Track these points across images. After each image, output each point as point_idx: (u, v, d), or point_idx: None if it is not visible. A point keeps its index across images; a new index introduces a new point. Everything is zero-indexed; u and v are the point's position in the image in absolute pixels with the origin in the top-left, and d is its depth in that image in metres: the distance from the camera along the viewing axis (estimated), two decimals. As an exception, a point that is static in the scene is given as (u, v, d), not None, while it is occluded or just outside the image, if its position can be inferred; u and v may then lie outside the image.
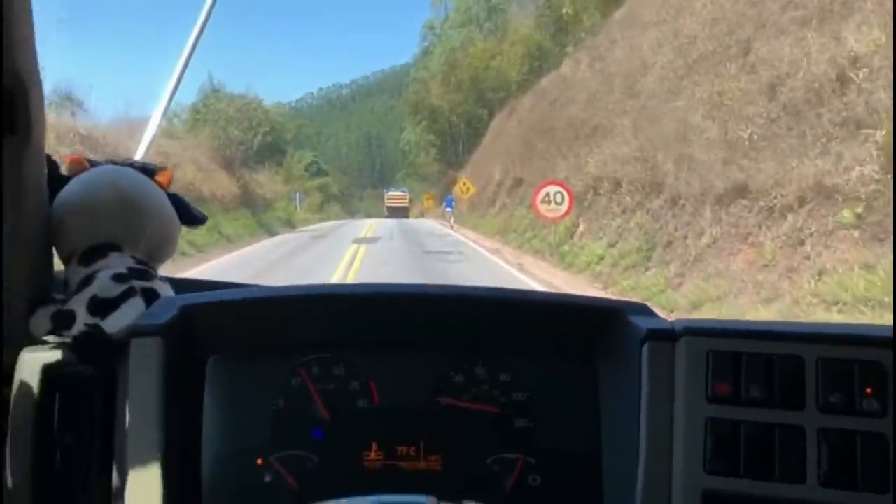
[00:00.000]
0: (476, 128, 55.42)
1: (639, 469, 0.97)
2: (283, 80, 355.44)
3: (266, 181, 39.80)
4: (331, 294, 1.16)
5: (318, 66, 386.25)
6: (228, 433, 1.11)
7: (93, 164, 1.17)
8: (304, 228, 34.90)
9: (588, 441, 1.10)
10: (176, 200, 1.21)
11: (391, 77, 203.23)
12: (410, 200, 60.43)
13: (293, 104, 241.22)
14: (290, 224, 37.15)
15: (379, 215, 60.87)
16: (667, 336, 1.00)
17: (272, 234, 30.18)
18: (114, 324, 1.01)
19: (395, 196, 53.94)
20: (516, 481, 1.12)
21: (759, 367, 0.95)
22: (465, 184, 36.38)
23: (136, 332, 0.98)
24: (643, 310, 1.10)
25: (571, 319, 1.13)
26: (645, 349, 1.00)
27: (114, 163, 1.19)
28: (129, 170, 1.18)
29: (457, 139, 58.31)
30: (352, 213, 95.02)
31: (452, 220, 36.38)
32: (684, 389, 0.97)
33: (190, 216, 1.23)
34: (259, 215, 32.71)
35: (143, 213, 1.13)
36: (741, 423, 0.94)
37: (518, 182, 27.38)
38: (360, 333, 1.15)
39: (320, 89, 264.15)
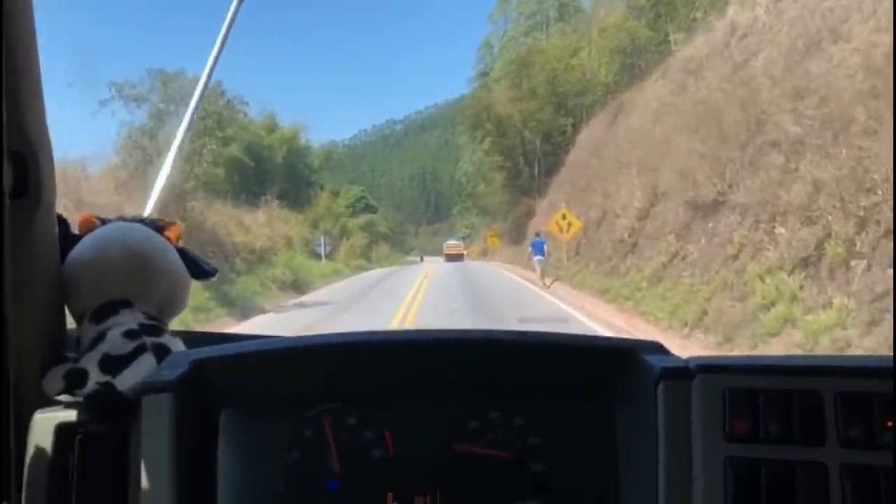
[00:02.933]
0: (556, 142, 41.19)
1: None
2: (336, 119, 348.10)
3: (260, 223, 25.58)
4: (342, 343, 1.11)
5: (372, 103, 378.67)
6: (243, 486, 1.08)
7: (103, 221, 1.16)
8: (310, 299, 20.75)
9: (605, 484, 1.06)
10: (185, 255, 1.18)
11: (445, 111, 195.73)
12: (468, 241, 70.76)
13: (347, 141, 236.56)
14: (298, 287, 23.22)
15: (434, 253, 74.53)
16: (682, 374, 0.96)
17: (246, 314, 16.49)
18: (126, 381, 0.99)
19: (451, 245, 59.85)
20: None
21: (776, 403, 0.91)
22: (564, 217, 22.33)
23: (147, 388, 0.96)
24: (657, 348, 1.05)
25: (584, 360, 1.09)
26: (660, 388, 0.95)
27: (123, 219, 1.18)
28: (138, 226, 1.16)
29: (531, 158, 43.64)
30: (406, 252, 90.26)
31: (541, 271, 22.30)
32: (702, 428, 0.93)
33: (200, 270, 1.19)
34: (232, 282, 18.94)
35: (152, 270, 1.12)
36: (761, 461, 0.89)
37: (712, 207, 13.06)
38: (373, 382, 1.12)
39: (374, 126, 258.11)
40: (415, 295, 19.68)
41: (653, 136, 19.24)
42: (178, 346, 1.09)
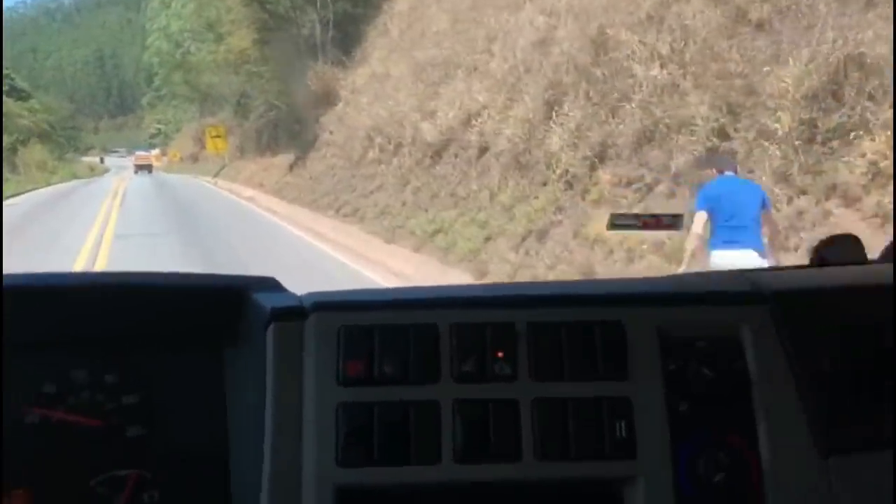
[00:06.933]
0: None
1: (264, 467, 0.83)
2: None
3: None
4: None
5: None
6: None
7: None
8: None
9: (214, 442, 0.93)
10: None
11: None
12: (162, 140, 68.80)
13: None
14: None
15: (118, 155, 73.97)
16: (294, 314, 0.86)
17: None
18: None
19: (141, 156, 56.43)
20: (128, 502, 0.91)
21: (392, 340, 0.84)
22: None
23: None
24: (271, 285, 0.94)
25: (187, 302, 0.96)
26: (270, 331, 0.86)
27: None
28: None
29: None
30: (81, 151, 70.66)
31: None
32: (314, 373, 0.84)
33: None
34: None
35: None
36: (374, 405, 0.82)
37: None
38: None
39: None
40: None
41: None
42: None
